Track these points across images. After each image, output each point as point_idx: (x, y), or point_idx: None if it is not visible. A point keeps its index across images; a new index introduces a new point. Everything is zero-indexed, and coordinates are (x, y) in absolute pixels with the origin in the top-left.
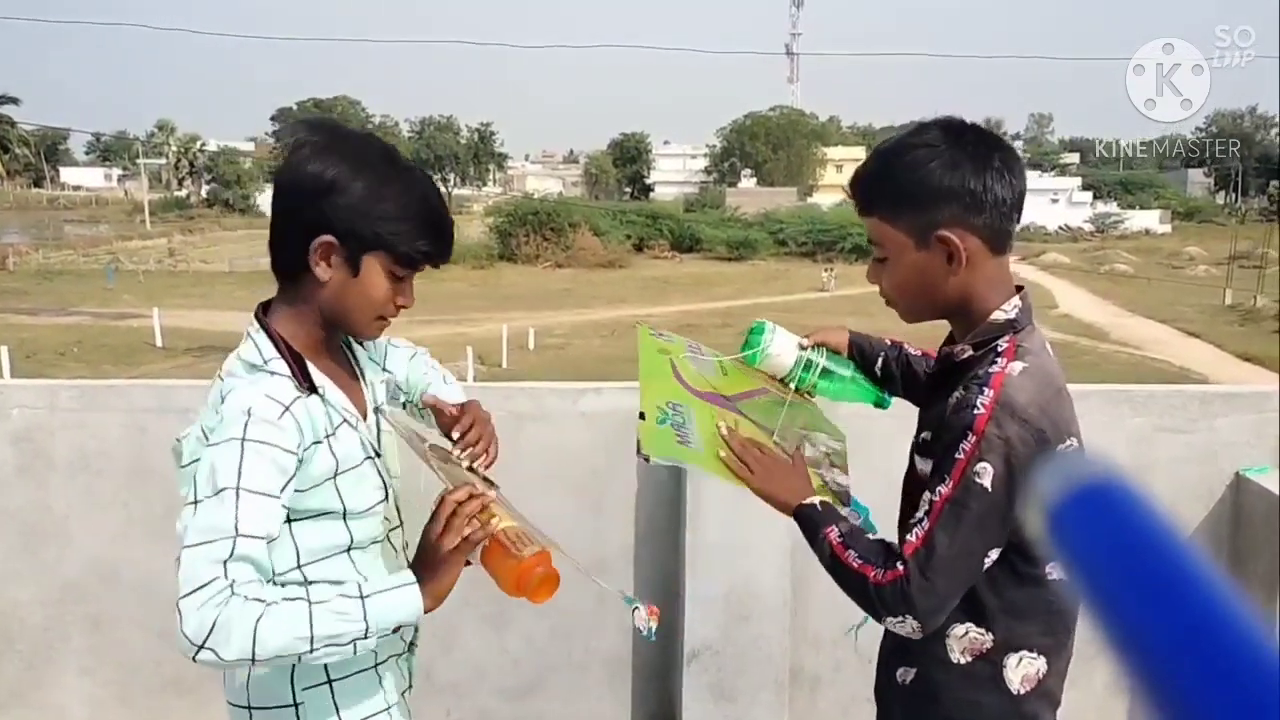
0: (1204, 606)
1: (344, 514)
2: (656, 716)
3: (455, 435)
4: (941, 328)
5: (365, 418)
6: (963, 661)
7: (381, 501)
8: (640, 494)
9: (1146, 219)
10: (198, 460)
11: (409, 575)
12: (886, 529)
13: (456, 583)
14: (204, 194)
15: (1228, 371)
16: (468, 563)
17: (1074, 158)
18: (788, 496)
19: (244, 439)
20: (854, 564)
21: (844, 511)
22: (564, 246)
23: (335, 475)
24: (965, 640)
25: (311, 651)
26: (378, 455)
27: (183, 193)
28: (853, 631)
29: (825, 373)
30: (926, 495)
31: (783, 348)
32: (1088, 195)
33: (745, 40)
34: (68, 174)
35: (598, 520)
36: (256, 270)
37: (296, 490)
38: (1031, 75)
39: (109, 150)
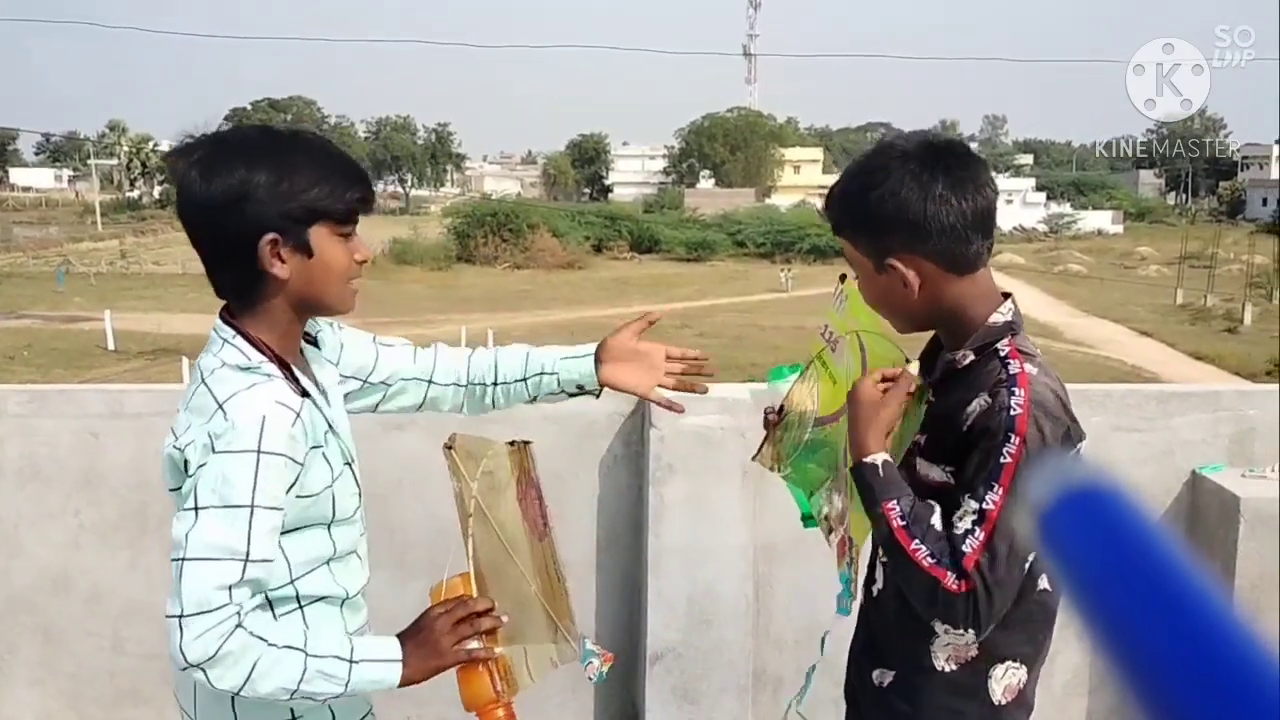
0: (1196, 610)
1: (330, 523)
2: None
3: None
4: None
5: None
6: (948, 669)
7: (358, 508)
8: (602, 498)
9: (1099, 219)
10: (201, 466)
11: (396, 649)
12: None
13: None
14: (156, 195)
15: (1179, 370)
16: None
17: (1028, 159)
18: (859, 442)
19: (259, 451)
20: (925, 562)
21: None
22: (522, 248)
23: (331, 484)
24: (950, 648)
25: (289, 699)
26: (353, 461)
27: (135, 194)
28: (821, 641)
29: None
30: (971, 503)
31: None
32: (1041, 196)
33: (703, 42)
34: (17, 175)
35: (559, 524)
36: None
37: (297, 497)
38: (986, 77)
39: (59, 151)
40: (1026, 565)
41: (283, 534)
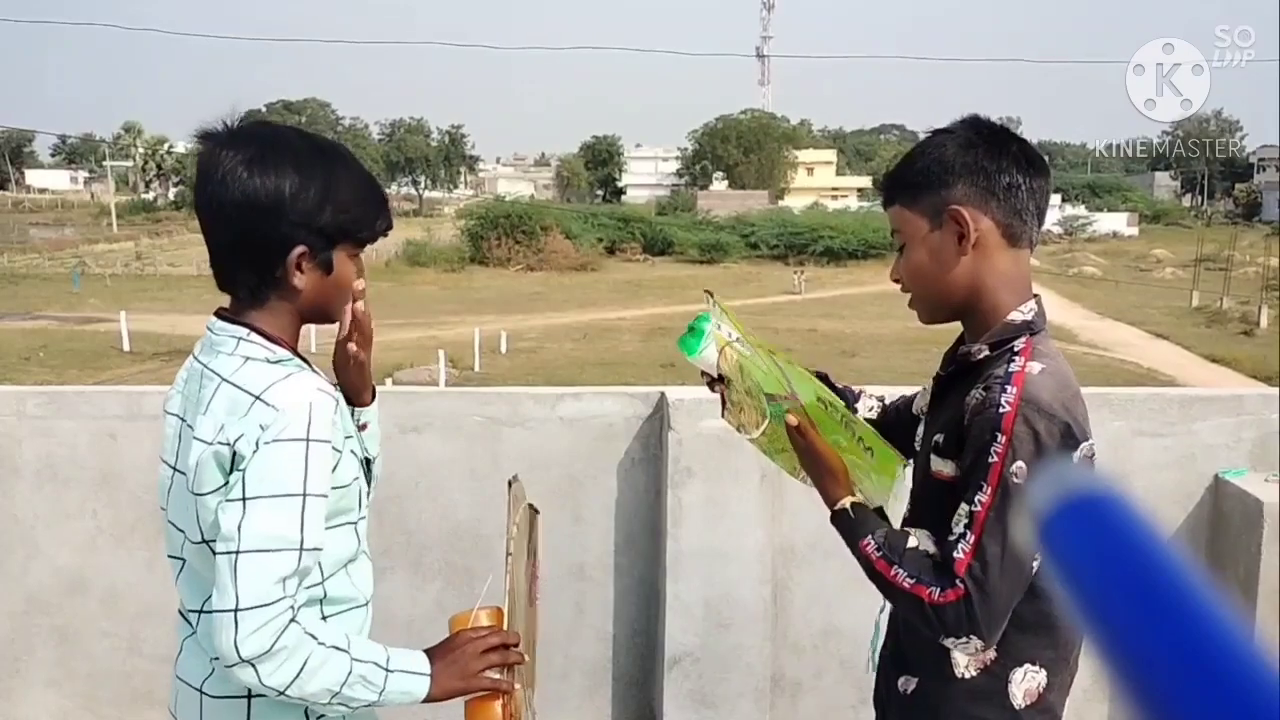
0: (1198, 620)
1: (355, 521)
2: None
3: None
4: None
5: None
6: (968, 675)
7: (368, 508)
8: (620, 500)
9: (1114, 222)
10: (253, 454)
11: (426, 663)
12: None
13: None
14: (171, 196)
15: (1194, 373)
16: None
17: None
18: (824, 495)
19: (309, 439)
20: (905, 584)
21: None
22: (535, 249)
23: (360, 476)
24: (970, 653)
25: (328, 703)
26: (371, 459)
27: (150, 195)
28: (871, 659)
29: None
30: (964, 507)
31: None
32: (1056, 198)
33: (716, 43)
34: (33, 176)
35: (577, 527)
36: None
37: (333, 487)
38: (999, 78)
39: (74, 152)
40: (1034, 564)
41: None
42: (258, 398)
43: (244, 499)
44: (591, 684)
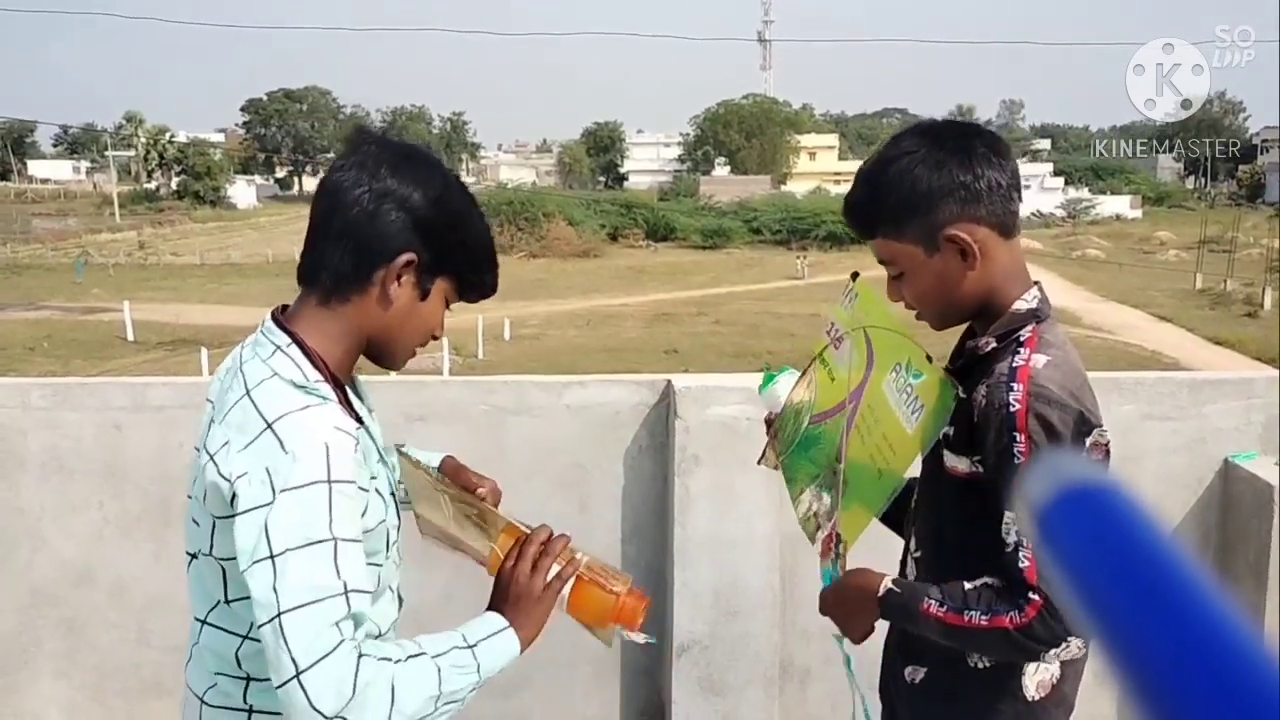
0: (1197, 614)
1: (378, 560)
2: (645, 712)
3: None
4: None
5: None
6: (981, 665)
7: (396, 541)
8: (627, 489)
9: (1117, 204)
10: (262, 507)
11: (498, 620)
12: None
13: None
14: (174, 186)
15: (1198, 355)
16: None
17: (1045, 144)
18: (865, 617)
19: (330, 480)
20: (981, 623)
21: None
22: (538, 236)
23: (385, 517)
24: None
25: (435, 711)
26: (396, 490)
27: (152, 185)
28: (852, 686)
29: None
30: (1009, 514)
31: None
32: (1059, 181)
33: (718, 28)
34: (35, 167)
35: (584, 515)
36: (227, 263)
37: (362, 531)
38: (1002, 61)
39: (77, 142)
40: None
41: None
42: (269, 426)
43: (271, 556)
44: (600, 673)
